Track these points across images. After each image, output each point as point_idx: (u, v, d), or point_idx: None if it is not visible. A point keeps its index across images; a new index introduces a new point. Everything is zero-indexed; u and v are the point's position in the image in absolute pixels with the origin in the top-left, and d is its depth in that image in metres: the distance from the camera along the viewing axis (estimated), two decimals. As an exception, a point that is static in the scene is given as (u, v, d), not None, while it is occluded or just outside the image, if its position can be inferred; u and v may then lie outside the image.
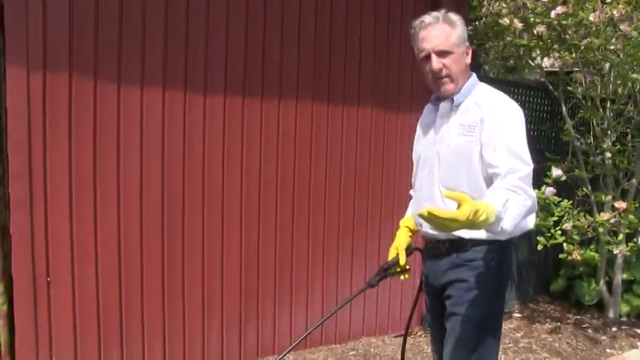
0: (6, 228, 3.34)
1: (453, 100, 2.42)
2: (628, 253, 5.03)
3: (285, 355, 2.52)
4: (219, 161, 3.88)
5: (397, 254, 2.52)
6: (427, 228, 2.45)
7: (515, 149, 2.23)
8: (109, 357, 3.59)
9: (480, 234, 2.28)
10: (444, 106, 2.45)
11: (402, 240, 2.57)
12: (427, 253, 2.60)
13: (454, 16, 2.39)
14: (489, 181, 2.29)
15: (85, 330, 3.50)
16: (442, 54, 2.36)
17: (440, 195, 2.40)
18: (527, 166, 2.22)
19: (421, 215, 1.89)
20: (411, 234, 2.63)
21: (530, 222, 2.41)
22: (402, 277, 2.54)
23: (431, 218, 1.87)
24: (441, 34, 2.35)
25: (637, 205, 5.01)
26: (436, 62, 2.35)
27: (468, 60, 2.44)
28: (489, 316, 2.41)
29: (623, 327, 5.36)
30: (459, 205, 1.89)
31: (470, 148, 2.32)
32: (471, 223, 1.89)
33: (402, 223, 2.68)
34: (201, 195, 3.83)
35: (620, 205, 4.71)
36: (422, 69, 2.45)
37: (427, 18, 2.38)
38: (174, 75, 3.66)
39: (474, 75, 2.49)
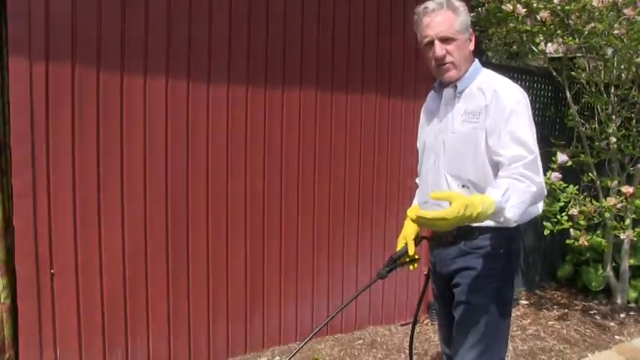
0: (9, 220, 3.33)
1: (456, 87, 2.40)
2: (635, 239, 5.00)
3: (300, 348, 2.51)
4: (223, 151, 3.86)
5: (405, 244, 2.50)
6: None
7: (520, 136, 2.21)
8: (114, 349, 3.58)
9: (487, 221, 2.26)
10: (447, 92, 2.43)
11: (409, 230, 2.55)
12: (434, 242, 2.58)
13: (458, 3, 2.38)
14: (496, 167, 2.27)
15: (90, 322, 3.49)
16: (445, 40, 2.34)
17: (446, 183, 2.39)
18: (532, 154, 2.20)
19: (413, 221, 2.02)
20: None
21: (540, 207, 2.40)
22: (411, 267, 2.52)
23: (421, 221, 1.99)
24: (444, 20, 2.34)
25: (643, 190, 4.99)
26: (439, 48, 2.34)
27: (471, 47, 2.43)
28: (498, 303, 2.38)
29: (632, 313, 5.34)
30: (450, 204, 1.94)
31: (475, 135, 2.30)
32: (463, 219, 1.93)
33: (408, 212, 2.65)
34: (205, 185, 3.81)
35: (627, 189, 4.69)
36: (425, 55, 2.45)
37: (431, 4, 2.36)
38: (177, 65, 3.63)
39: (477, 61, 2.47)
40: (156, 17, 3.53)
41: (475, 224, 2.29)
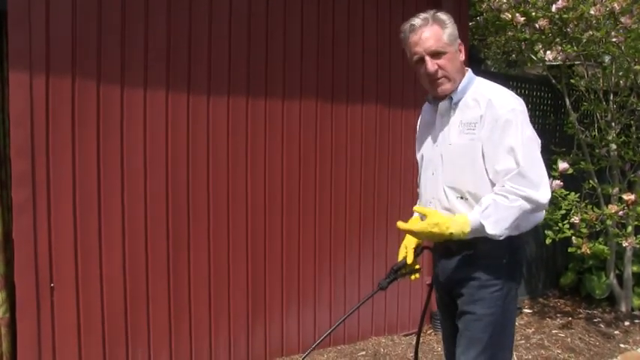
0: (9, 233, 3.32)
1: (451, 99, 2.39)
2: (637, 246, 4.99)
3: (305, 357, 2.50)
4: (223, 163, 3.85)
5: (406, 254, 2.48)
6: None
7: (513, 146, 2.22)
8: (115, 362, 3.56)
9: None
10: (443, 104, 2.42)
11: (410, 239, 2.53)
12: (437, 252, 2.56)
13: (443, 16, 2.37)
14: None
15: (90, 337, 3.45)
16: (436, 55, 2.34)
17: (444, 195, 2.38)
18: (522, 165, 2.21)
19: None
20: None
21: (541, 214, 2.39)
22: (412, 277, 2.50)
23: (403, 231, 2.33)
24: (432, 35, 2.33)
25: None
26: (431, 64, 2.33)
27: (462, 57, 2.41)
28: (501, 313, 2.36)
29: (636, 321, 5.31)
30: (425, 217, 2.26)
31: (473, 147, 2.30)
32: (432, 235, 2.24)
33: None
34: (206, 197, 3.80)
35: (629, 197, 4.68)
36: (417, 72, 2.44)
37: (416, 20, 2.35)
38: (177, 77, 3.65)
39: (470, 71, 2.46)
40: (155, 30, 3.54)
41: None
